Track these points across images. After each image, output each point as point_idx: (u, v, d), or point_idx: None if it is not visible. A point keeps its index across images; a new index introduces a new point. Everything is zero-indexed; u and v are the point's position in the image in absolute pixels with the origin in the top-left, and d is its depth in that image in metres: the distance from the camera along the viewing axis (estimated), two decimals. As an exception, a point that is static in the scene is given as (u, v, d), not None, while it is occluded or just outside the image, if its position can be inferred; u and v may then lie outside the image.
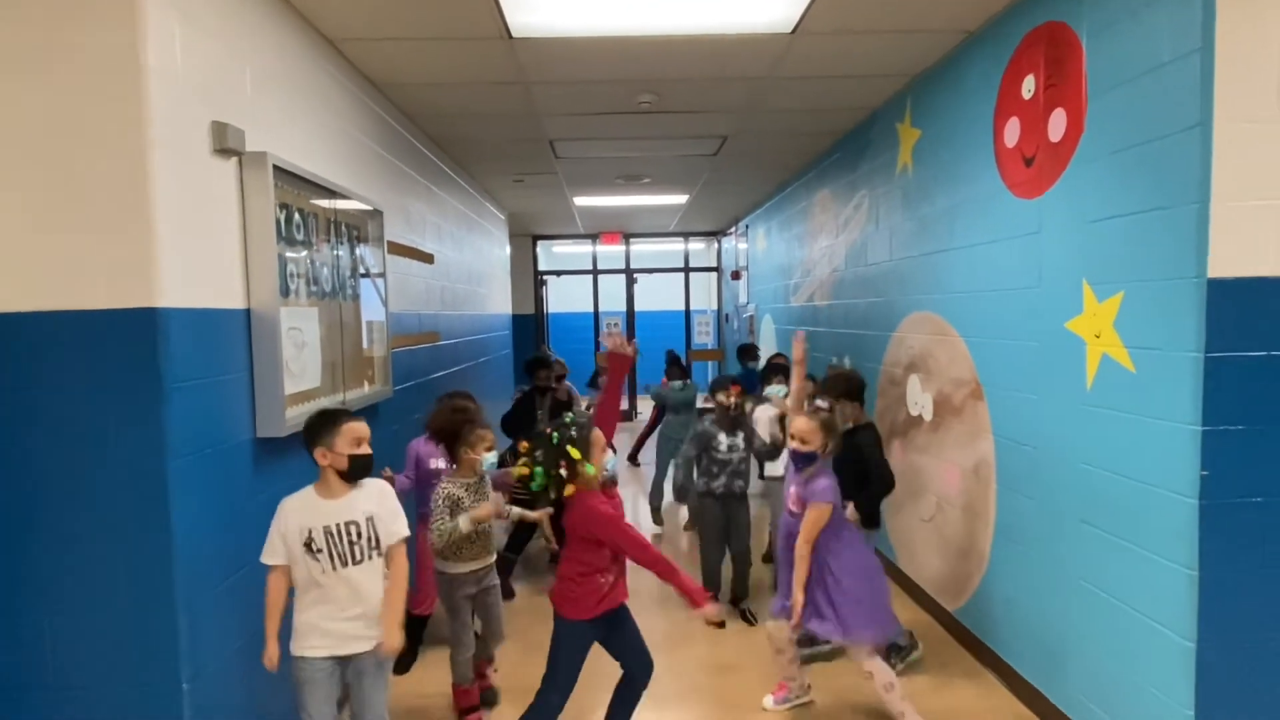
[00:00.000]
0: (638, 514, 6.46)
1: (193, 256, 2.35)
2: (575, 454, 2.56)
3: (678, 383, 6.25)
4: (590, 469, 2.60)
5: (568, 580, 2.69)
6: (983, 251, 3.62)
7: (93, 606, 2.22)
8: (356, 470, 2.40)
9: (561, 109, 4.76)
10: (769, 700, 3.37)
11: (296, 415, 2.88)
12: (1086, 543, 2.86)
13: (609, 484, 2.79)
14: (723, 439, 4.27)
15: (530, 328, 11.64)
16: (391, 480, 3.21)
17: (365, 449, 2.42)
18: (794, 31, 3.53)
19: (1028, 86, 3.20)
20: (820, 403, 3.97)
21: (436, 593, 3.87)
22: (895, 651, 3.59)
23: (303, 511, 2.37)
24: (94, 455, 2.19)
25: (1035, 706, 3.23)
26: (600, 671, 2.87)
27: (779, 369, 5.05)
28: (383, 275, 3.94)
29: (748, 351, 7.81)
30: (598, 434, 2.69)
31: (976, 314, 3.71)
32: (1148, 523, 2.53)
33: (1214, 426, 2.29)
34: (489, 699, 3.44)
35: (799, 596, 3.03)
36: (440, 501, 3.11)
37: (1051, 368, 3.06)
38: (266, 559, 2.38)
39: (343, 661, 2.42)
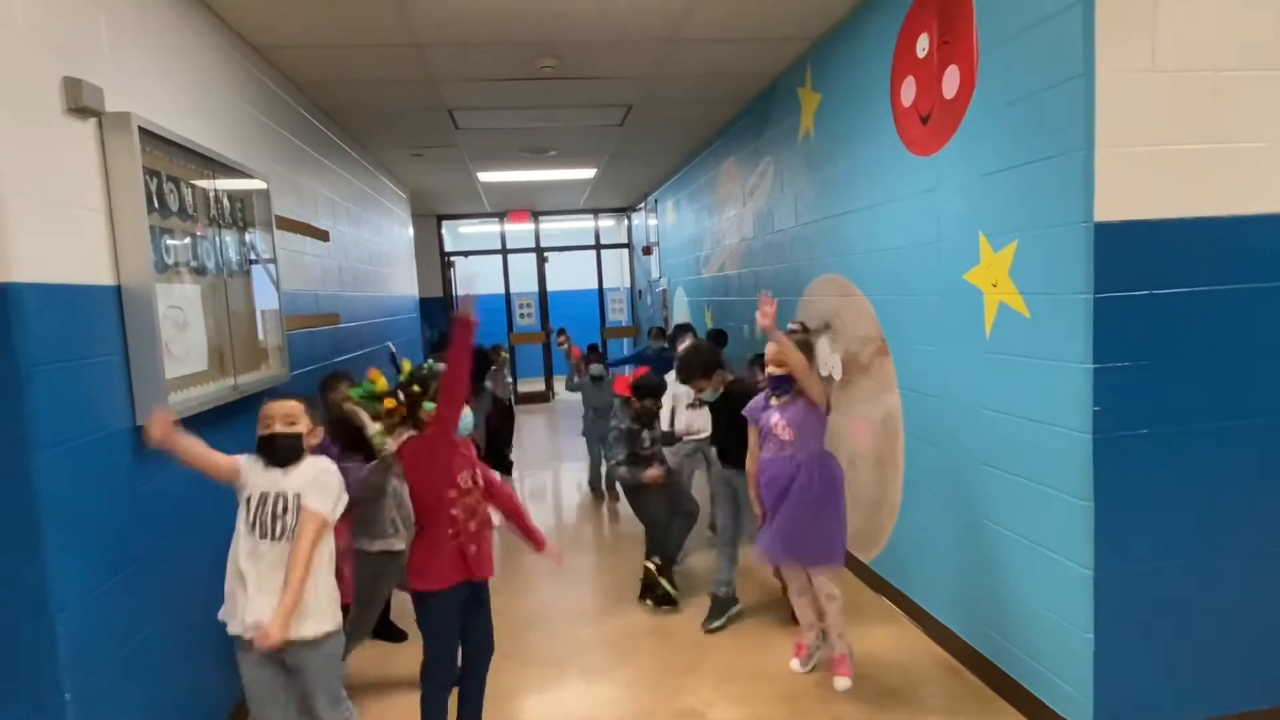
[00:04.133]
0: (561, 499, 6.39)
1: (48, 227, 2.11)
2: (417, 389, 2.58)
3: (597, 370, 6.21)
4: (427, 406, 2.57)
5: (418, 547, 2.60)
6: (884, 211, 3.70)
7: (-48, 619, 1.99)
8: (265, 451, 2.32)
9: (459, 74, 4.58)
10: (795, 664, 3.37)
11: (182, 401, 2.67)
12: (989, 484, 2.98)
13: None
14: (645, 435, 4.30)
15: (439, 311, 11.32)
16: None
17: (275, 428, 2.30)
18: (694, -9, 3.50)
19: (922, 45, 3.26)
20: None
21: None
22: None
23: (251, 470, 2.33)
24: (-58, 451, 1.95)
25: (948, 645, 3.37)
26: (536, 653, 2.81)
27: (687, 328, 5.15)
28: (273, 250, 3.70)
29: (661, 333, 7.87)
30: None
31: (880, 272, 3.80)
32: (1045, 460, 2.65)
33: (1104, 364, 2.41)
34: None
35: None
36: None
37: (952, 319, 3.15)
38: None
39: (279, 654, 2.28)
